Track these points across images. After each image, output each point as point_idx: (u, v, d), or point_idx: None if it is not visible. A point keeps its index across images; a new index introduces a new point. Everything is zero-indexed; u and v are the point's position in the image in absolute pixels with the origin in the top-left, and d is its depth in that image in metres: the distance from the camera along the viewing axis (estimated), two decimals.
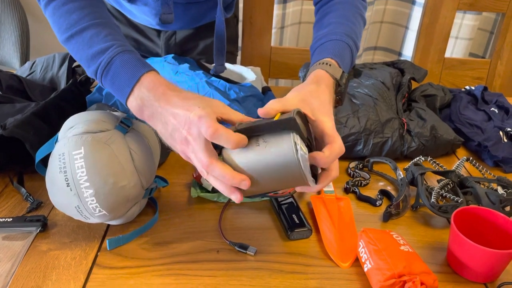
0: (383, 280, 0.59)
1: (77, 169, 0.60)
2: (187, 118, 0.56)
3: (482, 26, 1.83)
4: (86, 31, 0.66)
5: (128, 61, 0.63)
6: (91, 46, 0.65)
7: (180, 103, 0.58)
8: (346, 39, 0.72)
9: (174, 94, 0.59)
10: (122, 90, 0.62)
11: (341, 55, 0.69)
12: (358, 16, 0.78)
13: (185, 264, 0.64)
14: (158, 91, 0.59)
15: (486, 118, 1.00)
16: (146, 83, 0.60)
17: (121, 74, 0.62)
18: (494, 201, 0.74)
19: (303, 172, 0.53)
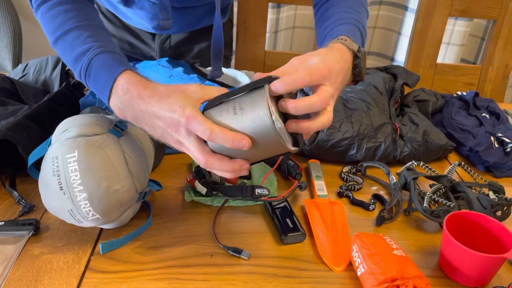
0: (376, 284, 0.59)
1: (70, 172, 0.60)
2: (173, 120, 0.55)
3: (473, 32, 1.86)
4: (69, 34, 0.66)
5: (105, 63, 0.62)
6: (73, 49, 0.65)
7: (160, 105, 0.56)
8: (356, 23, 0.70)
9: (150, 95, 0.57)
10: (102, 93, 0.62)
11: (354, 34, 0.67)
12: (362, 7, 0.77)
13: (179, 268, 0.64)
14: (133, 94, 0.59)
15: (477, 123, 1.02)
16: (121, 86, 0.60)
17: (99, 76, 0.62)
18: (486, 206, 0.74)
19: (282, 140, 0.53)
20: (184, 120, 0.54)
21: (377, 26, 1.89)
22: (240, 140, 0.52)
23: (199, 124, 0.53)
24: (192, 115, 0.53)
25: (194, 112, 0.54)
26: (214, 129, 0.52)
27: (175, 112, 0.55)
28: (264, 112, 0.52)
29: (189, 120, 0.53)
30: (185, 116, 0.54)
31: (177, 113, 0.54)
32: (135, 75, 0.61)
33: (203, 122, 0.53)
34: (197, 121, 0.53)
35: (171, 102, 0.56)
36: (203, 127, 0.53)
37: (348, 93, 0.98)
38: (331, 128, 0.89)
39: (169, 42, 1.11)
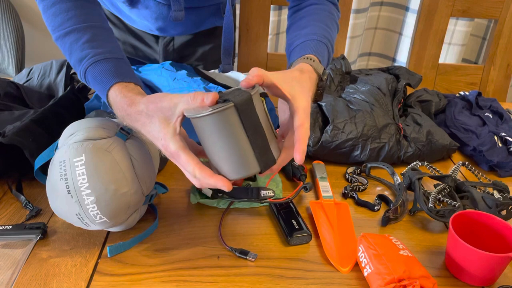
0: (383, 285, 0.59)
1: (78, 176, 0.60)
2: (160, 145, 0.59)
3: (475, 32, 1.86)
4: (67, 37, 0.67)
5: (97, 75, 0.65)
6: (71, 54, 0.67)
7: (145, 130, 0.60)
8: (325, 41, 0.73)
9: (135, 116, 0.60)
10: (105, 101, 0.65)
11: (322, 54, 0.71)
12: (334, 22, 0.80)
13: (186, 271, 0.64)
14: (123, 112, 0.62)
15: (480, 123, 1.02)
16: (112, 100, 0.63)
17: (95, 87, 0.66)
18: (491, 205, 0.75)
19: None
20: (169, 155, 0.58)
21: (378, 27, 1.89)
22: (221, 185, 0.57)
23: (184, 163, 0.57)
24: (175, 152, 0.57)
25: (176, 149, 0.57)
26: (196, 173, 0.57)
27: (159, 140, 0.58)
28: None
29: (174, 158, 0.58)
30: (169, 152, 0.58)
31: (161, 142, 0.58)
32: (122, 89, 0.63)
33: (187, 162, 0.57)
34: (182, 159, 0.57)
35: (153, 129, 0.59)
36: (188, 167, 0.57)
37: (352, 94, 0.99)
38: (335, 129, 0.89)
39: (173, 45, 1.12)
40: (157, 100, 0.58)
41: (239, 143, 0.55)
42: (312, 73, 0.65)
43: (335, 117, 0.91)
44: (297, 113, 0.58)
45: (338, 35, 1.40)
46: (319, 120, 0.93)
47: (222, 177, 0.57)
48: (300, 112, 0.58)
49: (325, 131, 0.89)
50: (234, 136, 0.55)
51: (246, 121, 0.54)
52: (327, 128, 0.90)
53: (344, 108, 0.93)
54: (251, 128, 0.55)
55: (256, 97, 0.56)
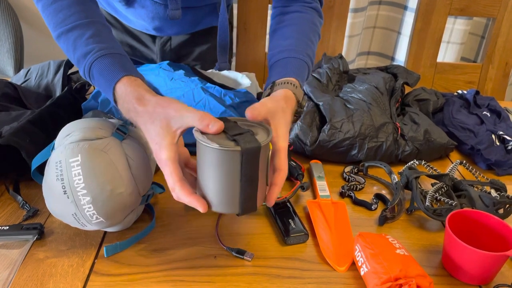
0: (379, 284, 0.59)
1: (74, 176, 0.60)
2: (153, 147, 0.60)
3: (473, 31, 1.86)
4: (71, 32, 0.67)
5: (104, 69, 0.64)
6: (75, 49, 0.67)
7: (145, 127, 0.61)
8: (307, 59, 0.77)
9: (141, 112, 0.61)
10: (108, 95, 0.65)
11: (302, 75, 0.75)
12: (316, 34, 0.84)
13: (183, 271, 0.64)
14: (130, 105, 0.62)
15: (478, 121, 1.02)
16: (120, 94, 0.63)
17: (101, 81, 0.65)
18: (488, 204, 0.75)
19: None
20: (158, 160, 0.59)
21: (377, 26, 1.89)
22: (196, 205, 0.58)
23: (168, 175, 0.58)
24: (164, 162, 0.58)
25: (166, 159, 0.58)
26: (176, 188, 0.58)
27: (154, 143, 0.59)
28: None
29: (161, 165, 0.59)
30: (158, 159, 0.59)
31: (155, 146, 0.59)
32: (131, 83, 0.63)
33: (170, 174, 0.58)
34: (166, 171, 0.58)
35: (153, 131, 0.59)
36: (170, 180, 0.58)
37: (349, 94, 0.98)
38: (332, 129, 0.89)
39: (170, 45, 1.12)
40: (166, 104, 0.60)
41: (230, 184, 0.57)
42: (294, 101, 0.69)
43: (333, 117, 0.90)
44: (278, 154, 0.62)
45: (336, 34, 1.40)
46: (316, 119, 0.93)
47: (198, 198, 0.58)
48: (282, 154, 0.62)
49: (323, 130, 0.89)
50: (228, 177, 0.57)
51: (245, 169, 0.56)
52: (325, 127, 0.90)
53: (342, 107, 0.93)
54: (246, 177, 0.56)
55: (265, 146, 0.57)
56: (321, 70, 1.06)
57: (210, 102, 0.92)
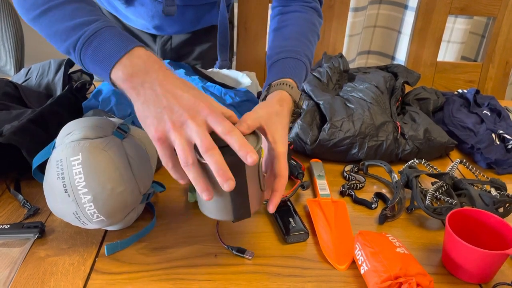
0: (379, 282, 0.59)
1: (75, 175, 0.60)
2: (195, 104, 0.54)
3: (474, 30, 1.86)
4: (68, 5, 0.62)
5: (118, 34, 0.59)
6: (73, 18, 0.61)
7: (184, 87, 0.56)
8: (305, 60, 0.77)
9: (173, 76, 0.57)
10: (107, 59, 0.57)
11: (300, 76, 0.75)
12: (315, 34, 0.84)
13: (183, 269, 0.64)
14: (154, 65, 0.57)
15: (478, 120, 1.02)
16: (139, 54, 0.57)
17: (108, 44, 0.58)
18: (488, 203, 0.75)
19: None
20: (209, 110, 0.54)
21: (377, 25, 1.89)
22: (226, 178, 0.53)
23: (222, 120, 0.54)
24: (220, 113, 0.55)
25: (221, 111, 0.55)
26: (233, 131, 0.54)
27: (202, 101, 0.55)
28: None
29: (214, 113, 0.54)
30: (212, 109, 0.54)
31: (203, 102, 0.54)
32: (150, 54, 0.59)
33: (227, 122, 0.54)
34: (221, 117, 0.54)
35: (200, 93, 0.56)
36: (224, 123, 0.54)
37: (349, 93, 0.99)
38: (332, 128, 0.89)
39: (170, 44, 1.12)
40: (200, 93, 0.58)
41: (220, 195, 0.57)
42: (290, 102, 0.69)
43: (333, 115, 0.91)
44: (278, 159, 0.61)
45: (336, 33, 1.40)
46: (316, 118, 0.93)
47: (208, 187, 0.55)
48: (281, 159, 0.61)
49: (323, 129, 0.90)
50: (217, 187, 0.56)
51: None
52: (325, 126, 0.90)
53: (342, 106, 0.93)
54: (234, 188, 0.54)
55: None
56: (321, 69, 1.06)
57: None
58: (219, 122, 0.54)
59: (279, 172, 0.61)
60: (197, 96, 0.55)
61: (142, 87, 0.56)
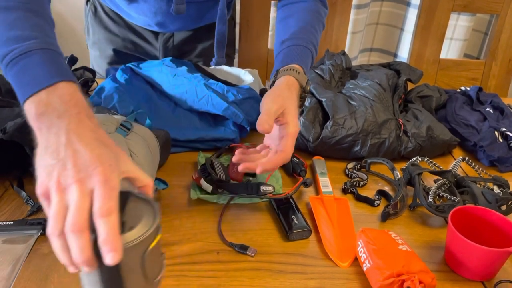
0: (382, 279, 0.59)
1: None
2: (91, 167, 0.45)
3: (477, 27, 1.85)
4: (14, 12, 0.55)
5: (49, 61, 0.53)
6: (11, 29, 0.54)
7: (93, 142, 0.48)
8: (311, 47, 0.81)
9: (88, 126, 0.49)
10: (25, 87, 0.51)
11: (306, 62, 0.79)
12: (320, 23, 0.88)
13: (186, 266, 0.65)
14: (72, 109, 0.49)
15: (481, 118, 1.02)
16: (62, 92, 0.50)
17: (33, 70, 0.52)
18: (491, 200, 0.75)
19: None
20: (102, 179, 0.44)
21: (379, 23, 1.89)
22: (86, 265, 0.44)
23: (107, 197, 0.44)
24: (114, 184, 0.45)
25: (117, 184, 0.46)
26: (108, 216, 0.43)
27: (103, 164, 0.46)
28: None
29: (105, 185, 0.44)
30: (106, 178, 0.45)
31: (102, 167, 0.45)
32: (82, 94, 0.52)
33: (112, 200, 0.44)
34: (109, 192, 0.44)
35: (108, 153, 0.48)
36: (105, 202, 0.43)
37: (352, 90, 0.98)
38: (335, 125, 0.89)
39: (173, 41, 1.12)
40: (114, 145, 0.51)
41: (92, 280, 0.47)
42: (297, 86, 0.74)
43: (335, 113, 0.91)
44: (286, 138, 0.67)
45: (339, 30, 1.40)
46: (319, 115, 0.93)
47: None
48: (289, 138, 0.67)
49: (325, 126, 0.90)
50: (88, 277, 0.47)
51: (103, 270, 0.45)
52: (327, 123, 0.90)
53: (344, 103, 0.93)
54: (106, 278, 0.46)
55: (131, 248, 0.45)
56: (323, 67, 1.06)
57: (213, 98, 0.92)
58: (102, 198, 0.44)
59: (283, 148, 0.66)
60: (100, 156, 0.46)
61: (48, 131, 0.48)
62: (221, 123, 0.95)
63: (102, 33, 1.12)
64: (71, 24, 1.91)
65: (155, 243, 0.49)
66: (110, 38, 1.12)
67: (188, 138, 0.90)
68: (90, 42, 1.17)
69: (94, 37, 1.15)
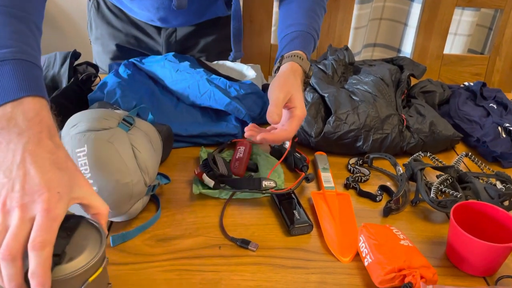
0: (383, 274, 0.60)
1: (80, 166, 0.61)
2: (38, 193, 0.44)
3: (481, 22, 1.84)
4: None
5: (22, 74, 0.51)
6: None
7: (47, 165, 0.47)
8: (312, 32, 0.85)
9: (47, 147, 0.48)
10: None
11: (308, 48, 0.84)
12: (322, 8, 0.91)
13: (188, 260, 0.65)
14: (34, 128, 0.48)
15: (484, 113, 1.01)
16: (27, 108, 0.49)
17: (3, 81, 0.50)
18: (493, 196, 0.74)
19: None
20: (45, 207, 0.44)
21: (383, 18, 1.88)
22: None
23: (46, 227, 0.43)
24: (57, 214, 0.44)
25: (61, 213, 0.45)
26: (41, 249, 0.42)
27: (50, 191, 0.45)
28: None
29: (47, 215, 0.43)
30: (53, 206, 0.44)
31: (49, 193, 0.45)
32: (49, 112, 0.52)
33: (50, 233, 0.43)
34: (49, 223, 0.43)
35: (56, 177, 0.46)
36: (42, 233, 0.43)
37: (354, 85, 0.98)
38: (337, 120, 0.89)
39: (175, 36, 1.12)
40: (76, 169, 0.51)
41: None
42: (301, 72, 0.80)
43: (338, 108, 0.90)
44: (292, 119, 0.74)
45: (342, 25, 1.40)
46: (321, 111, 0.93)
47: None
48: (296, 120, 0.74)
49: (328, 122, 0.89)
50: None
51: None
52: (330, 119, 0.90)
53: (347, 99, 0.93)
54: None
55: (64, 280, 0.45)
56: (326, 62, 1.06)
57: (215, 93, 0.92)
58: (39, 229, 0.43)
59: (288, 128, 0.73)
60: (50, 182, 0.45)
61: (6, 147, 0.47)
62: (223, 118, 0.95)
63: (105, 28, 1.13)
64: (74, 19, 1.91)
65: (97, 275, 0.48)
66: (113, 33, 1.12)
67: (190, 133, 0.90)
68: (93, 37, 1.17)
69: (97, 33, 1.15)
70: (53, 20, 0.67)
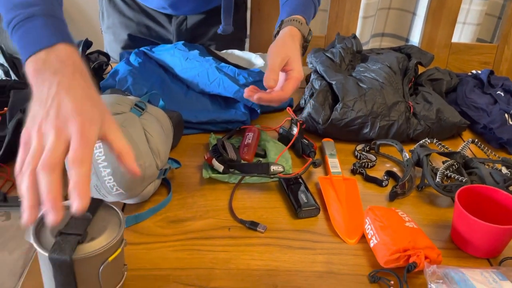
0: (388, 255, 0.61)
1: (95, 149, 0.63)
2: (71, 117, 0.47)
3: (490, 11, 1.83)
4: None
5: (51, 25, 0.56)
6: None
7: (80, 97, 0.50)
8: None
9: (80, 84, 0.51)
10: (27, 48, 0.54)
11: (308, 13, 0.87)
12: None
13: (199, 240, 0.67)
14: (67, 68, 0.52)
15: (492, 101, 1.02)
16: (59, 53, 0.53)
17: (35, 32, 0.55)
18: (498, 181, 0.75)
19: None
20: (79, 129, 0.46)
21: (391, 7, 1.87)
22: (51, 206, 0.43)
23: (82, 146, 0.45)
24: (91, 136, 0.47)
25: (93, 137, 0.47)
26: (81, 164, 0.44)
27: (83, 115, 0.48)
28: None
29: (81, 135, 0.46)
30: (84, 129, 0.46)
31: (81, 116, 0.47)
32: (79, 56, 0.56)
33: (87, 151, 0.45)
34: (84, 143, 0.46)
35: (89, 107, 0.49)
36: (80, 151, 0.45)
37: (362, 73, 0.99)
38: (344, 107, 0.90)
39: (186, 25, 1.13)
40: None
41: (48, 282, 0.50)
42: (300, 36, 0.83)
43: (345, 95, 0.91)
44: (289, 81, 0.77)
45: (350, 14, 1.40)
46: (329, 98, 0.94)
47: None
48: (292, 81, 0.77)
49: (335, 109, 0.91)
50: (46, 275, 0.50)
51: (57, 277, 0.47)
52: (337, 106, 0.91)
53: (354, 86, 0.94)
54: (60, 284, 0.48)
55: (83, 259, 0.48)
56: (334, 50, 1.07)
57: (224, 81, 0.94)
58: (77, 146, 0.45)
59: (284, 88, 0.76)
60: (83, 109, 0.48)
61: (42, 84, 0.50)
62: (232, 106, 0.96)
63: (116, 17, 1.14)
64: (86, 9, 1.93)
65: (116, 255, 0.50)
66: (125, 22, 1.14)
67: (200, 120, 0.92)
68: (104, 26, 1.19)
69: (108, 22, 1.17)
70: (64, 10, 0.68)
